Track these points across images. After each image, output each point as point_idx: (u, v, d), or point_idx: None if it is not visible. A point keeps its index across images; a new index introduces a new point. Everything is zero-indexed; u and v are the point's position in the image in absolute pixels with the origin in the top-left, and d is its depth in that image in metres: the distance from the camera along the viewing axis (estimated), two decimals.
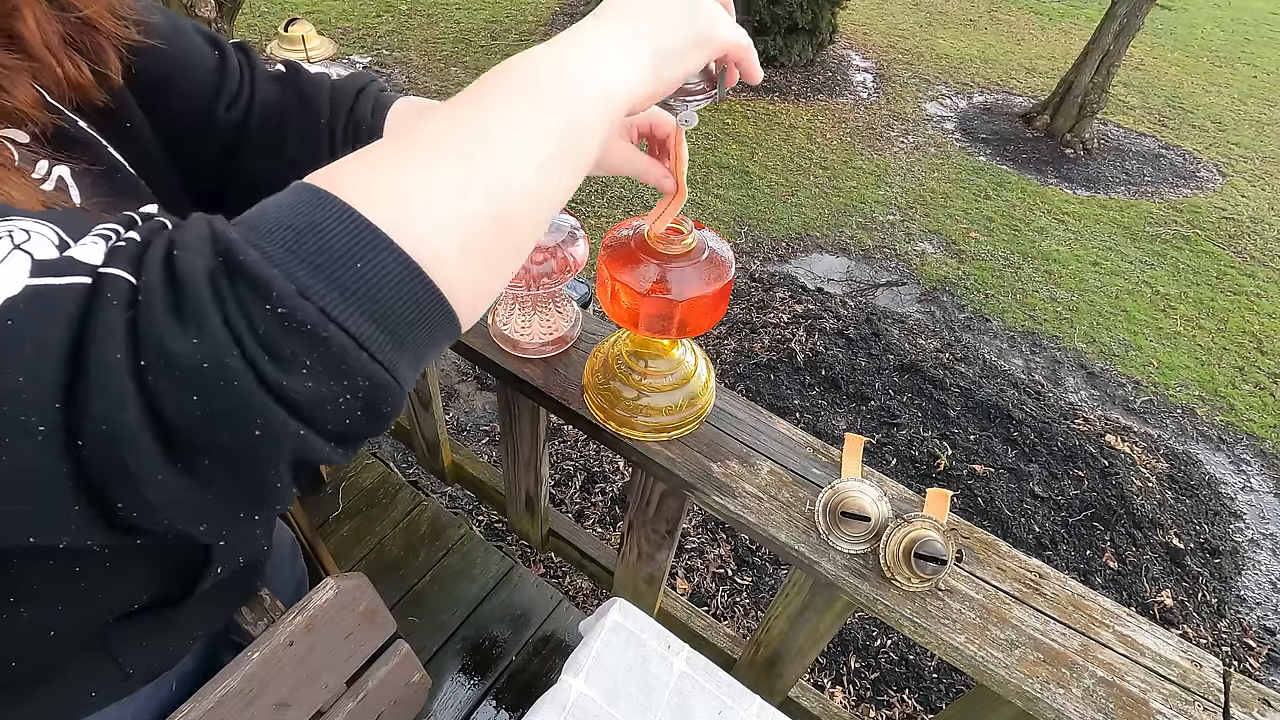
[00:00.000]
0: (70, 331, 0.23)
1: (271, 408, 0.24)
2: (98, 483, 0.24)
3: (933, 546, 0.69)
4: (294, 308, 0.24)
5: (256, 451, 0.25)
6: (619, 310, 0.68)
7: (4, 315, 0.23)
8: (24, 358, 0.23)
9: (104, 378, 0.23)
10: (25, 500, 0.24)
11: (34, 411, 0.23)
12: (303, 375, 0.25)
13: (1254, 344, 3.68)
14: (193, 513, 0.26)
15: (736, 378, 2.96)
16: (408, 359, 0.28)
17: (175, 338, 0.23)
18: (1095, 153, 5.30)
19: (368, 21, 5.91)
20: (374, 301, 0.26)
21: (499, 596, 1.43)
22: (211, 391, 0.23)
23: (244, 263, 0.24)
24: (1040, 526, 2.48)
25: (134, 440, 0.23)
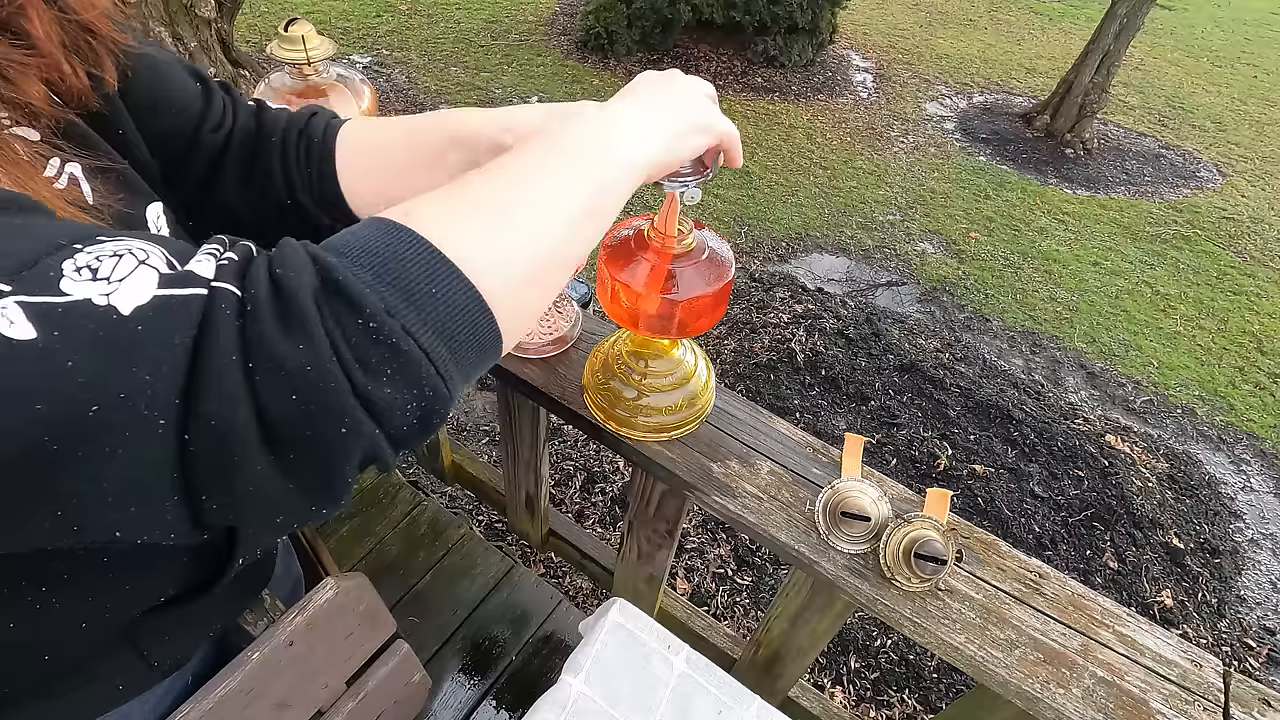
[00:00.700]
0: (191, 336, 0.26)
1: (356, 409, 0.28)
2: (198, 478, 0.27)
3: (933, 546, 0.69)
4: (382, 323, 0.29)
5: (337, 448, 0.28)
6: (619, 310, 0.68)
7: (135, 321, 0.26)
8: (151, 359, 0.26)
9: (219, 378, 0.26)
10: (133, 495, 0.26)
11: (158, 407, 0.25)
12: (383, 383, 0.29)
13: (1254, 344, 3.68)
14: (273, 506, 0.29)
15: (736, 378, 2.96)
16: (460, 376, 0.32)
17: (283, 344, 0.27)
18: (1095, 153, 5.30)
19: (368, 21, 5.91)
20: (442, 321, 0.31)
21: (499, 596, 1.43)
22: (311, 392, 0.27)
23: (341, 283, 0.29)
24: (1040, 526, 2.48)
25: (242, 434, 0.26)
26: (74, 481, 0.25)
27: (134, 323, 0.26)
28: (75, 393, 0.24)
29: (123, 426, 0.25)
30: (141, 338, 0.26)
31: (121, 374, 0.25)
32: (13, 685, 0.47)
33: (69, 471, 0.25)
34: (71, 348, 0.25)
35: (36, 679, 0.48)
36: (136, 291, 0.26)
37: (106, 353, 0.25)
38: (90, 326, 0.25)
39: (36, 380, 0.24)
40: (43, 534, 0.26)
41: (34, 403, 0.24)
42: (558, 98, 5.16)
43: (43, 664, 0.47)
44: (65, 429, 0.24)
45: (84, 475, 0.25)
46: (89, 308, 0.25)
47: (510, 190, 0.36)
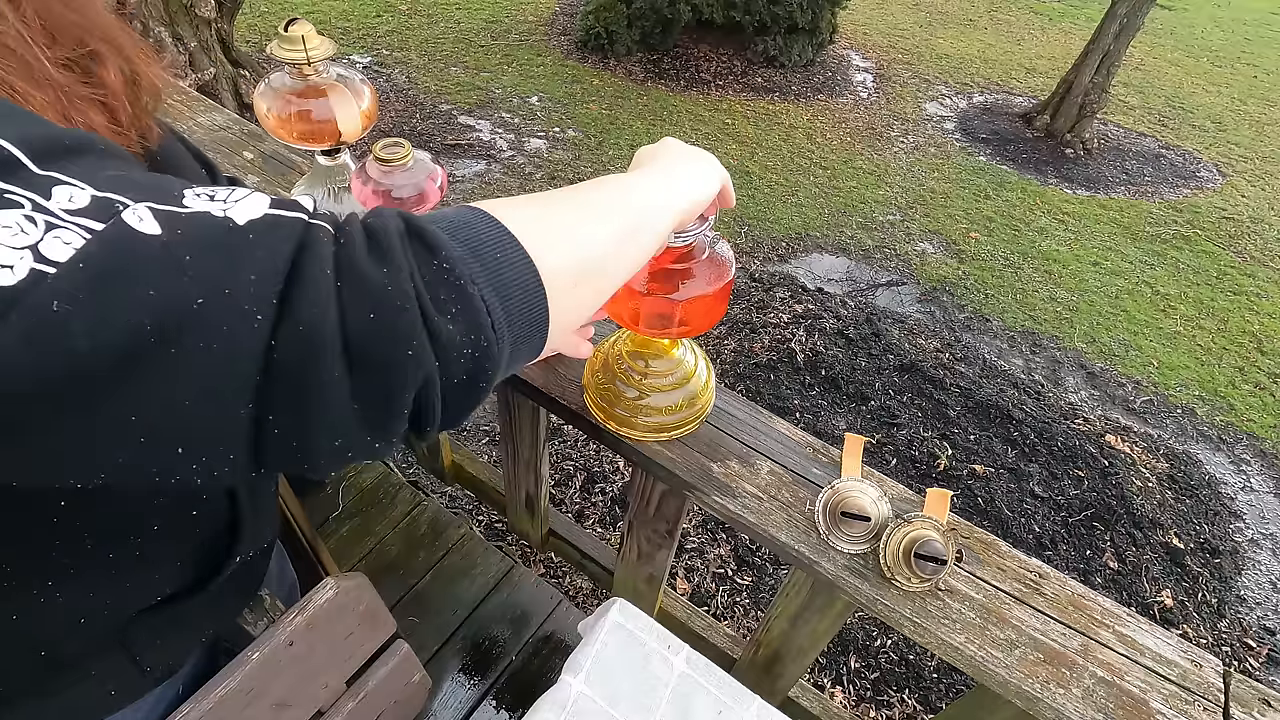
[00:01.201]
0: (293, 248, 0.29)
1: (423, 335, 0.31)
2: (276, 388, 0.28)
3: (933, 546, 0.69)
4: (453, 266, 0.33)
5: (401, 372, 0.31)
6: (619, 310, 0.68)
7: (247, 230, 0.29)
8: (257, 260, 0.28)
9: (314, 285, 0.29)
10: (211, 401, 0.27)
11: (257, 305, 0.28)
12: (447, 319, 0.32)
13: (1254, 344, 3.68)
14: (336, 427, 0.30)
15: (736, 378, 2.96)
16: (509, 341, 0.35)
17: (369, 265, 0.30)
18: (1095, 153, 5.30)
19: (368, 21, 5.91)
20: (503, 283, 0.35)
21: (499, 596, 1.43)
22: (387, 311, 0.30)
23: (422, 229, 0.33)
24: (1040, 526, 2.48)
25: (327, 340, 0.29)
26: (159, 381, 0.26)
27: (246, 231, 0.29)
28: (185, 285, 0.27)
29: (220, 322, 0.27)
30: (251, 244, 0.29)
31: (229, 273, 0.27)
32: (8, 682, 0.47)
33: (157, 369, 0.26)
34: (189, 245, 0.27)
35: (31, 675, 0.48)
36: (250, 209, 0.30)
37: (219, 253, 0.28)
38: (208, 231, 0.28)
39: (153, 269, 0.26)
40: (110, 443, 0.27)
41: (147, 288, 0.26)
42: (558, 97, 5.17)
43: (39, 659, 0.47)
44: (168, 318, 0.26)
45: (171, 374, 0.26)
46: (208, 217, 0.29)
47: (573, 203, 0.43)
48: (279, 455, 0.31)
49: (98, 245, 0.26)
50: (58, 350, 0.24)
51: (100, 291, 0.25)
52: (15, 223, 0.25)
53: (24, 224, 0.25)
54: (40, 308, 0.24)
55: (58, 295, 0.25)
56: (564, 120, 4.91)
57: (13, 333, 0.24)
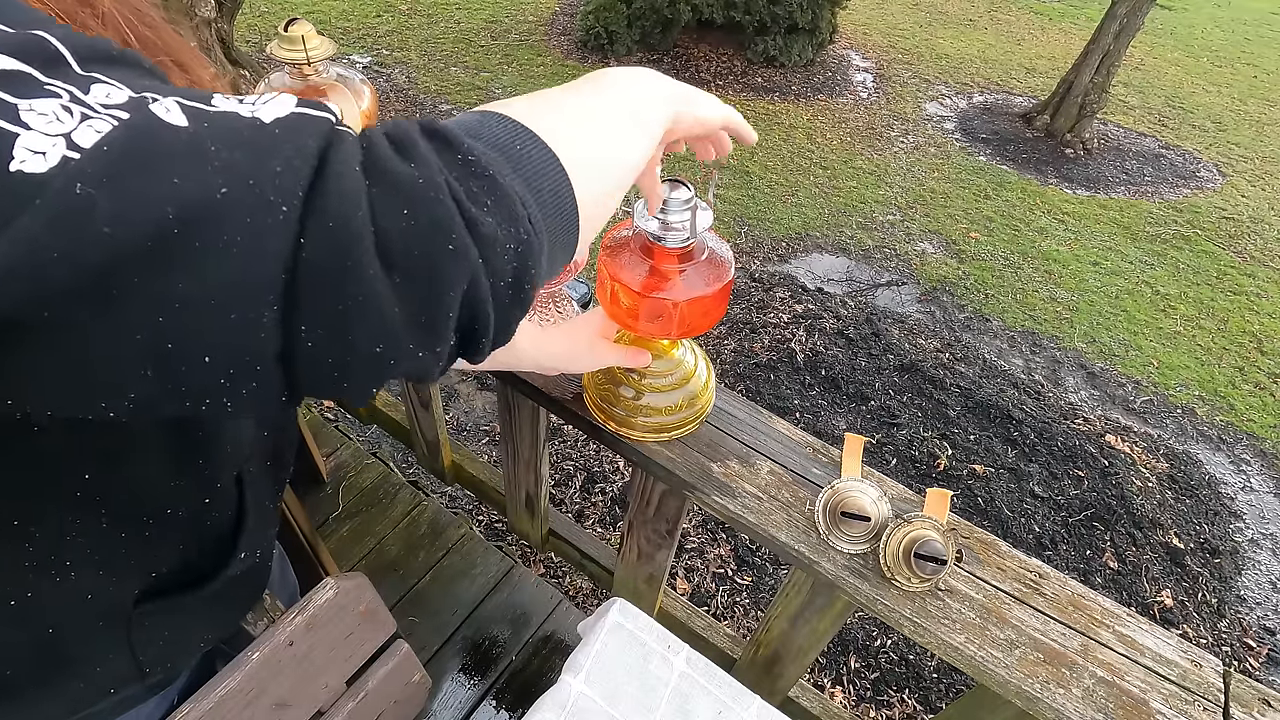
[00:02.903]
0: (320, 145, 0.29)
1: (461, 228, 0.30)
2: (305, 288, 0.27)
3: (933, 546, 0.69)
4: (478, 159, 0.32)
5: (444, 269, 0.29)
6: (619, 310, 0.68)
7: (275, 125, 0.28)
8: (284, 154, 0.27)
9: (341, 179, 0.28)
10: (237, 299, 0.26)
11: (283, 196, 0.27)
12: (485, 211, 0.31)
13: (1254, 344, 3.68)
14: (377, 331, 0.29)
15: (736, 378, 2.96)
16: (547, 234, 0.34)
17: (397, 163, 0.29)
18: (1095, 153, 5.30)
19: (368, 21, 5.91)
20: (529, 173, 0.34)
21: (499, 596, 1.43)
22: (421, 205, 0.29)
23: (439, 127, 0.32)
24: (1040, 526, 2.48)
25: (358, 234, 0.28)
26: (183, 276, 0.25)
27: (273, 127, 0.28)
28: (209, 175, 0.26)
29: (245, 213, 0.26)
30: (278, 138, 0.28)
31: (255, 164, 0.27)
32: (14, 665, 0.47)
33: (181, 262, 0.25)
34: (215, 138, 0.27)
35: (36, 661, 0.48)
36: (277, 108, 0.29)
37: (246, 147, 0.27)
38: (234, 126, 0.28)
39: (178, 157, 0.26)
40: (137, 351, 0.26)
41: (171, 175, 0.25)
42: None
43: (47, 638, 0.47)
44: (192, 208, 0.25)
45: (195, 268, 0.26)
46: (235, 115, 0.28)
47: (577, 97, 0.42)
48: (314, 368, 0.29)
49: (123, 130, 0.26)
50: (83, 236, 0.24)
51: (124, 175, 0.25)
52: (52, 111, 0.25)
53: (60, 113, 0.25)
54: (65, 192, 0.24)
55: (82, 178, 0.24)
56: None
57: (39, 219, 0.24)
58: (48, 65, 0.27)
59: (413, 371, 0.32)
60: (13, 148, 0.24)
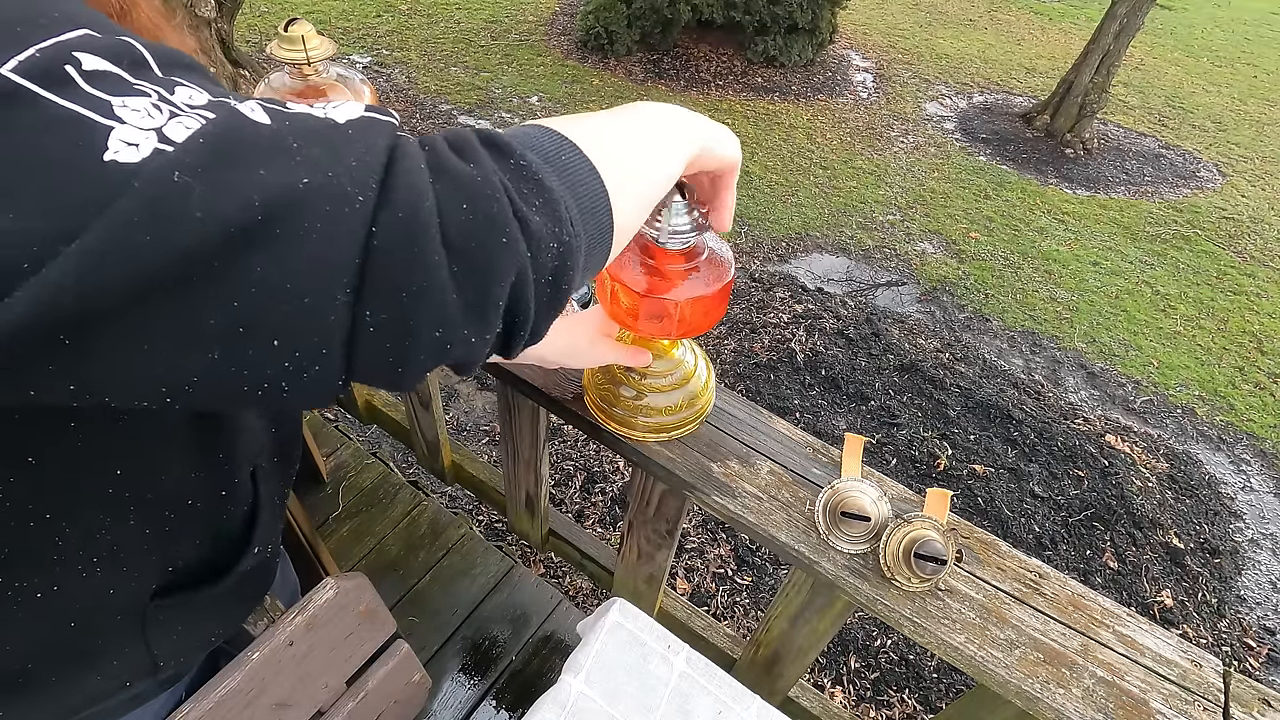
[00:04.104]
0: (389, 143, 0.31)
1: (513, 224, 0.32)
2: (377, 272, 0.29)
3: (932, 546, 0.69)
4: (529, 164, 0.34)
5: (497, 260, 0.32)
6: (619, 310, 0.68)
7: (349, 125, 0.31)
8: (358, 150, 0.30)
9: (409, 174, 0.30)
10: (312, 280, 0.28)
11: (358, 187, 0.29)
12: (534, 210, 0.33)
13: (1254, 344, 3.68)
14: (437, 316, 0.31)
15: (736, 378, 2.96)
16: (584, 240, 0.37)
17: (457, 163, 0.32)
18: (1095, 153, 5.30)
19: (368, 21, 5.91)
20: (573, 182, 0.37)
21: (499, 596, 1.43)
22: (479, 200, 0.31)
23: (494, 135, 0.35)
24: (1040, 526, 2.48)
25: (425, 223, 0.30)
26: (265, 261, 0.27)
27: (346, 127, 0.31)
28: (293, 168, 0.28)
29: (325, 202, 0.28)
30: (352, 137, 0.30)
31: (333, 158, 0.29)
32: (35, 658, 0.48)
33: (264, 248, 0.27)
34: (297, 134, 0.29)
35: (56, 653, 0.49)
36: (348, 112, 0.32)
37: (324, 144, 0.29)
38: (313, 125, 0.30)
39: (264, 150, 0.28)
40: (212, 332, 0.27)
41: (258, 167, 0.27)
42: (558, 97, 5.17)
43: (67, 631, 0.48)
44: (276, 197, 0.27)
45: (276, 255, 0.27)
46: (311, 115, 0.31)
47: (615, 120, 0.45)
48: (375, 351, 0.30)
49: (214, 126, 0.28)
50: (177, 220, 0.25)
51: (216, 166, 0.26)
52: (144, 108, 0.27)
53: (151, 110, 0.27)
54: (162, 178, 0.25)
55: (178, 167, 0.26)
56: None
57: (137, 202, 0.25)
58: (135, 67, 0.29)
59: (462, 358, 0.34)
60: (108, 139, 0.25)
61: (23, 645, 0.47)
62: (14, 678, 0.47)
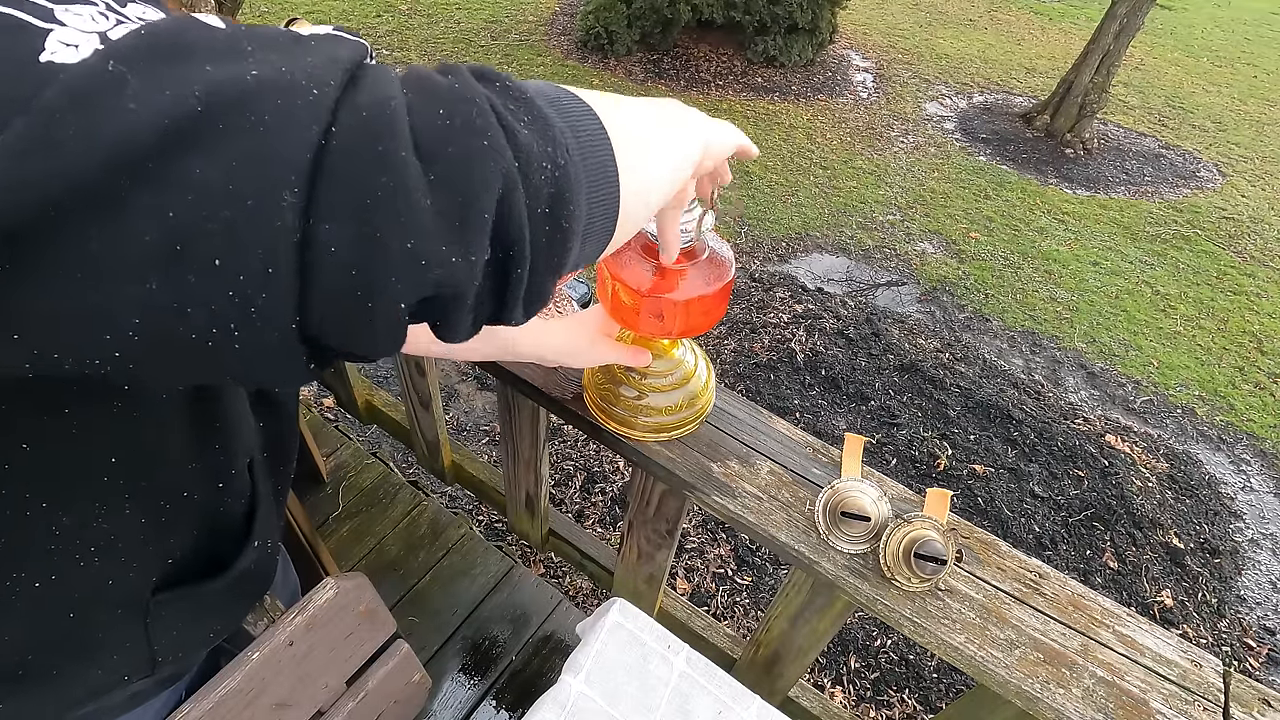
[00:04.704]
0: (355, 55, 0.28)
1: (497, 130, 0.29)
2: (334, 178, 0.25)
3: (932, 546, 0.69)
4: (518, 89, 0.32)
5: (478, 165, 0.28)
6: (620, 310, 0.68)
7: (310, 38, 0.28)
8: (319, 54, 0.27)
9: (377, 80, 0.27)
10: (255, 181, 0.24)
11: (315, 82, 0.26)
12: (521, 125, 0.30)
13: (1254, 344, 3.68)
14: (408, 224, 0.26)
15: (736, 378, 2.96)
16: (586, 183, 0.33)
17: (435, 79, 0.29)
18: (1095, 153, 5.30)
19: (368, 21, 5.91)
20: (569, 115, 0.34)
21: (499, 596, 1.43)
22: (459, 105, 0.28)
23: (484, 67, 0.32)
24: (1040, 526, 2.48)
25: (391, 119, 0.26)
26: (202, 163, 0.23)
27: (310, 39, 0.28)
28: (242, 63, 0.25)
29: (275, 94, 0.24)
30: (314, 46, 0.27)
31: (290, 59, 0.26)
32: (35, 650, 0.47)
33: (204, 149, 0.23)
34: (252, 39, 0.26)
35: (57, 646, 0.48)
36: (314, 28, 0.31)
37: (282, 50, 0.26)
38: (272, 33, 0.27)
39: (214, 48, 0.25)
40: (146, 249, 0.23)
41: (205, 64, 0.24)
42: None
43: (67, 623, 0.47)
44: (221, 91, 0.24)
45: (217, 153, 0.23)
46: (272, 28, 0.28)
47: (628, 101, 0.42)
48: (335, 276, 0.26)
49: (162, 24, 0.25)
50: (105, 111, 0.22)
51: (157, 58, 0.24)
52: (88, 14, 0.25)
53: (97, 16, 0.25)
54: (95, 69, 0.23)
55: (114, 56, 0.23)
56: None
57: (61, 92, 0.22)
58: None
59: (445, 282, 0.28)
60: (44, 40, 0.23)
61: (21, 636, 0.46)
62: (13, 669, 0.47)
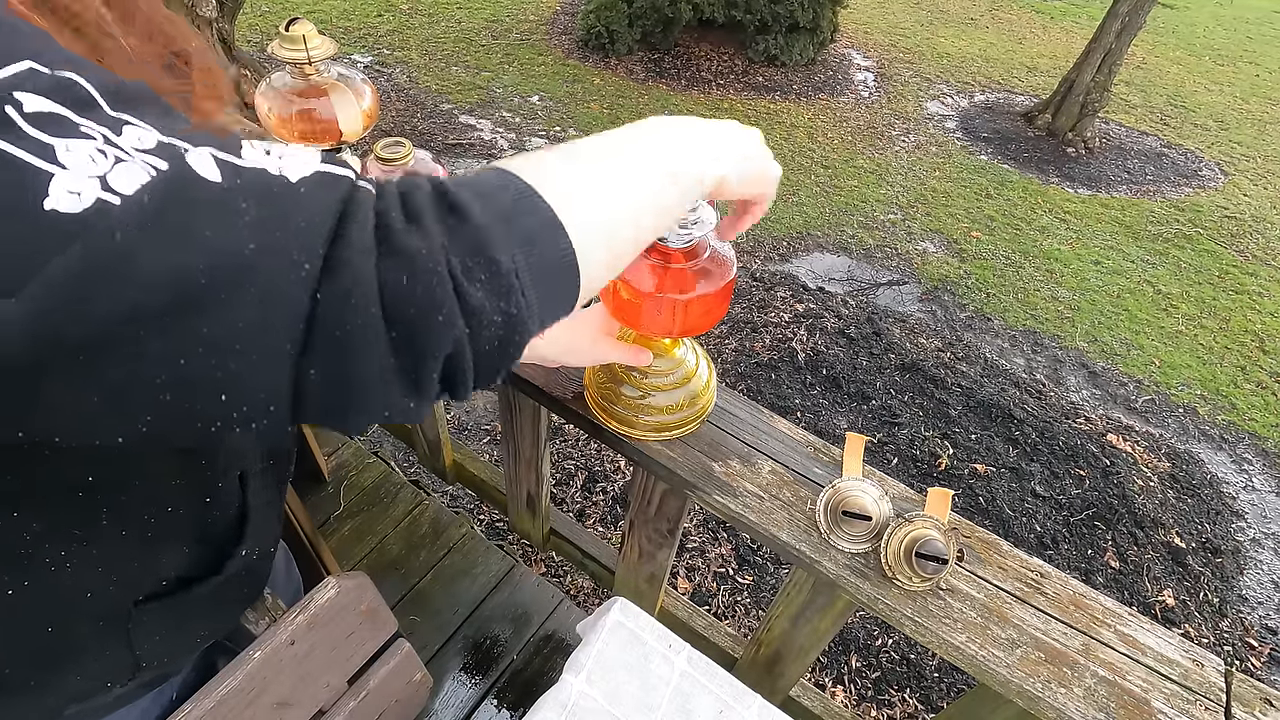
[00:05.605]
0: (340, 203, 0.31)
1: (452, 300, 0.32)
2: (320, 330, 0.29)
3: (934, 546, 0.69)
4: (481, 235, 0.33)
5: (433, 332, 0.32)
6: (621, 308, 0.68)
7: (300, 185, 0.30)
8: (308, 212, 0.30)
9: (356, 247, 0.30)
10: (258, 340, 0.28)
11: (305, 251, 0.29)
12: (477, 286, 0.33)
13: (1256, 343, 3.68)
14: (373, 377, 0.31)
15: (738, 377, 2.96)
16: (537, 308, 0.36)
17: (404, 231, 0.31)
18: (1097, 152, 5.30)
19: (369, 21, 5.91)
20: (530, 247, 0.35)
21: (500, 596, 1.43)
22: (422, 275, 0.31)
23: (453, 197, 0.34)
24: (1042, 526, 2.48)
25: (365, 286, 0.30)
26: (209, 324, 0.27)
27: (299, 186, 0.30)
28: (240, 230, 0.28)
29: (271, 264, 0.28)
30: (303, 198, 0.30)
31: (282, 220, 0.29)
32: (12, 663, 0.47)
33: (209, 313, 0.27)
34: (246, 194, 0.29)
35: (34, 657, 0.48)
36: (303, 166, 0.31)
37: (274, 204, 0.29)
38: (264, 182, 0.30)
39: (212, 212, 0.28)
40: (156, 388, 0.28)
41: (205, 229, 0.27)
42: (558, 96, 5.17)
43: (46, 636, 0.47)
44: (222, 261, 0.27)
45: (222, 316, 0.27)
46: (264, 171, 0.30)
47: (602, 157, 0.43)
48: (317, 407, 0.31)
49: (162, 183, 0.27)
50: (118, 281, 0.25)
51: (160, 227, 0.26)
52: (88, 154, 0.27)
53: (95, 155, 0.27)
54: (104, 239, 0.25)
55: (121, 227, 0.26)
56: (565, 119, 4.91)
57: (77, 263, 0.25)
58: (80, 106, 0.28)
59: (400, 413, 0.34)
60: (48, 185, 0.25)
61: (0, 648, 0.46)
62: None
